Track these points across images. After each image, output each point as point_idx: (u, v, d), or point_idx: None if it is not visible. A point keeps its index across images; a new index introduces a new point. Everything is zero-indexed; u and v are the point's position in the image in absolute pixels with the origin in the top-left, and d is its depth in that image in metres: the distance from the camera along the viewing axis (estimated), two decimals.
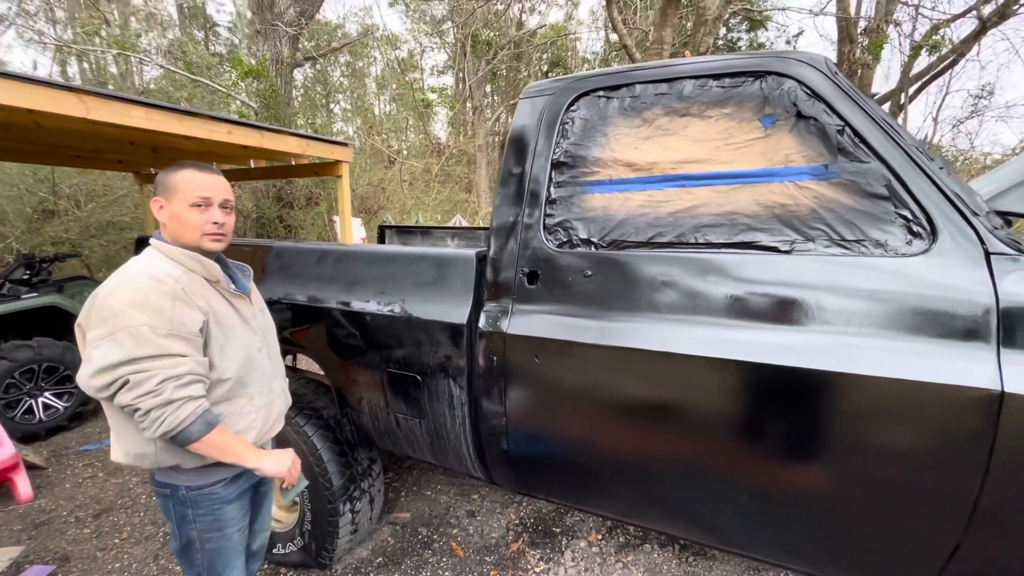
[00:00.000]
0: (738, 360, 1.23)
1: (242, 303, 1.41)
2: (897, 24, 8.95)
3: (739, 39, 15.12)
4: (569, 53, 15.92)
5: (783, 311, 1.23)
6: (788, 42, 13.83)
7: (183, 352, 1.19)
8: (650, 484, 1.45)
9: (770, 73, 1.32)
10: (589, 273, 1.45)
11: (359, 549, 2.36)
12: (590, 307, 1.45)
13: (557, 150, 1.56)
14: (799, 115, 1.27)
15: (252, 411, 1.37)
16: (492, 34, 14.26)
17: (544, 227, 1.55)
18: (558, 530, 2.48)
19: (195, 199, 1.27)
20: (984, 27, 8.88)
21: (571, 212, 1.52)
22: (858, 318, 1.16)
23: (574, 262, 1.48)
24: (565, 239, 1.52)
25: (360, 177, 10.22)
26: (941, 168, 1.17)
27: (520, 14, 15.39)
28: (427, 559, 2.30)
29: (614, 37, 15.47)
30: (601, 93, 1.54)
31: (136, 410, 1.14)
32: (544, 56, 15.75)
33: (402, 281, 1.80)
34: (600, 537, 2.42)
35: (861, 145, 1.20)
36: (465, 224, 8.21)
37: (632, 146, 1.46)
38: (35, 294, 3.68)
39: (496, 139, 16.91)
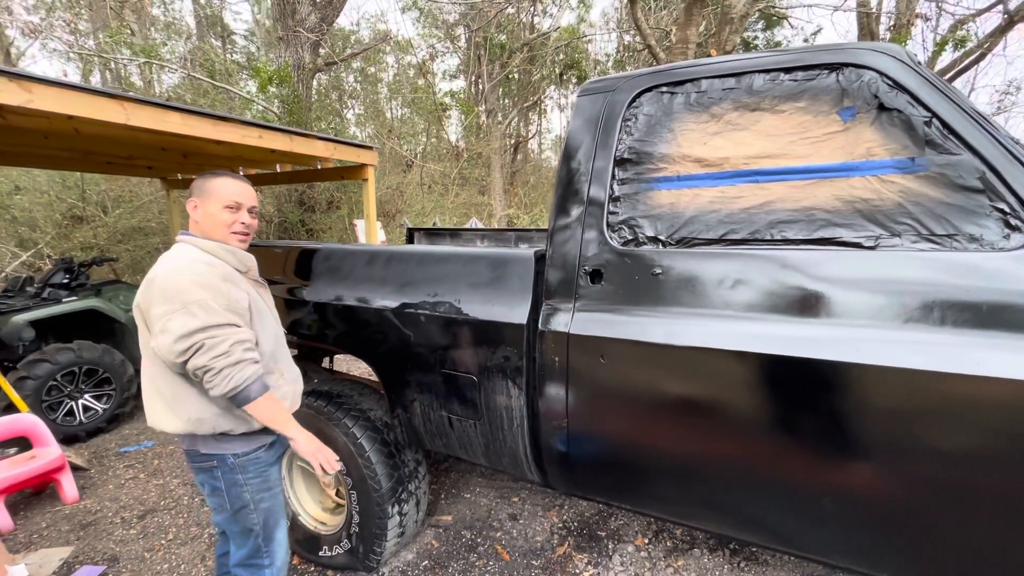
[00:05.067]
0: (818, 359, 1.20)
1: (264, 292, 1.62)
2: (926, 19, 8.80)
3: (755, 37, 14.99)
4: (581, 55, 15.89)
5: (867, 309, 1.20)
6: (806, 40, 13.66)
7: (240, 324, 1.39)
8: (719, 486, 1.41)
9: (847, 65, 1.28)
10: (657, 271, 1.43)
11: (404, 552, 2.35)
12: (659, 306, 1.42)
13: (620, 147, 1.54)
14: (881, 107, 1.23)
15: (285, 384, 1.56)
16: (504, 38, 14.29)
17: (608, 225, 1.52)
18: (603, 533, 2.45)
19: (229, 202, 1.47)
20: (1012, 22, 8.69)
21: (636, 210, 1.50)
22: (952, 316, 1.12)
23: (641, 260, 1.46)
24: (630, 237, 1.49)
25: (379, 181, 10.29)
26: None
27: (532, 18, 15.42)
28: (473, 563, 2.28)
29: (628, 38, 15.43)
30: (664, 89, 1.51)
31: (209, 370, 1.30)
32: (558, 59, 15.73)
33: (456, 282, 1.78)
34: (647, 541, 2.38)
35: (951, 137, 1.16)
36: (480, 226, 8.23)
37: (700, 141, 1.43)
38: (75, 298, 3.74)
39: (509, 142, 16.94)
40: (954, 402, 1.09)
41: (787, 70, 1.35)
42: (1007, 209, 1.11)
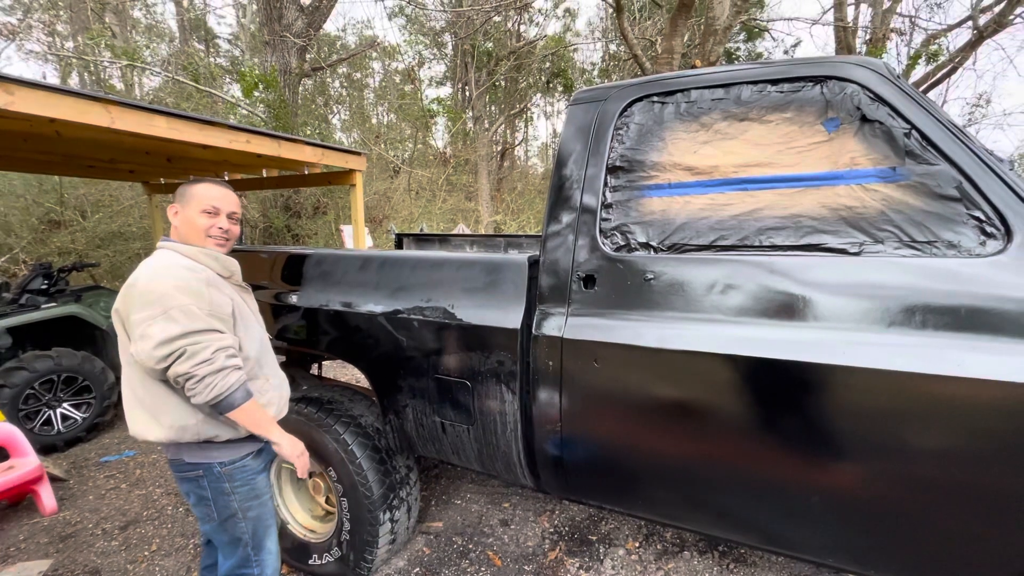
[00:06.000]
0: (805, 362, 1.24)
1: (248, 296, 1.61)
2: (901, 34, 9.11)
3: (737, 49, 15.32)
4: (567, 64, 16.07)
5: (853, 313, 1.24)
6: (786, 52, 14.02)
7: (223, 330, 1.37)
8: (712, 488, 1.44)
9: (830, 78, 1.33)
10: (649, 277, 1.46)
11: (395, 559, 2.33)
12: (652, 310, 1.45)
13: (612, 155, 1.57)
14: (863, 119, 1.28)
15: (270, 389, 1.55)
16: (491, 45, 14.39)
17: (601, 231, 1.55)
18: (594, 538, 2.46)
19: (207, 206, 1.47)
20: (981, 37, 9.04)
21: (628, 216, 1.53)
22: (933, 319, 1.16)
23: (633, 266, 1.48)
24: (623, 243, 1.52)
25: (366, 186, 10.24)
26: (1011, 169, 1.18)
27: (518, 26, 15.56)
28: (465, 569, 2.27)
29: (613, 48, 15.66)
30: (655, 98, 1.55)
31: (191, 377, 1.27)
32: (545, 67, 15.89)
33: (451, 287, 1.79)
34: (638, 544, 2.40)
35: (929, 148, 1.21)
36: (467, 232, 8.21)
37: (691, 150, 1.47)
38: (54, 304, 3.65)
39: (496, 148, 17.02)
40: (935, 402, 1.13)
41: (773, 82, 1.40)
42: (982, 217, 1.16)
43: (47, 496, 2.69)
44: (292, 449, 1.51)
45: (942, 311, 1.15)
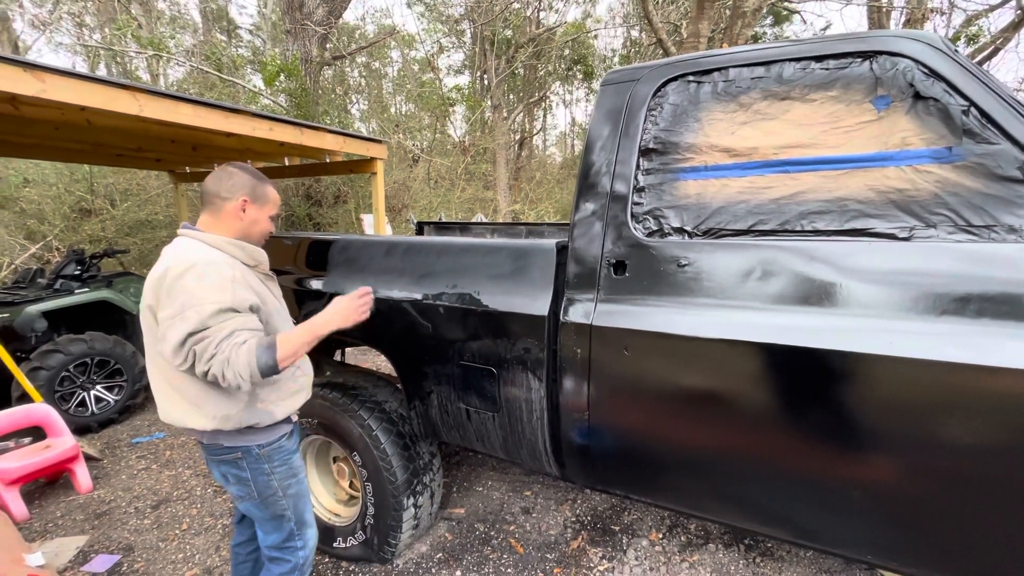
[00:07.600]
0: (848, 352, 1.18)
1: (273, 284, 1.61)
2: (941, 13, 8.71)
3: (763, 33, 14.86)
4: (587, 51, 15.79)
5: (900, 301, 1.18)
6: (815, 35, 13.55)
7: (233, 317, 1.32)
8: (745, 481, 1.40)
9: (881, 53, 1.26)
10: (684, 263, 1.41)
11: (418, 544, 2.34)
12: (685, 297, 1.40)
13: (644, 137, 1.52)
14: (917, 96, 1.21)
15: (301, 375, 1.59)
16: (510, 33, 14.21)
17: (632, 216, 1.51)
18: (617, 528, 2.44)
19: (275, 212, 1.56)
20: None
21: (661, 200, 1.48)
22: (990, 308, 1.09)
23: (666, 251, 1.44)
24: (655, 228, 1.48)
25: (385, 175, 10.27)
26: None
27: (537, 12, 15.31)
28: (487, 555, 2.27)
29: (635, 34, 15.33)
30: (691, 78, 1.49)
31: (214, 375, 1.26)
32: (564, 54, 15.64)
33: (477, 273, 1.77)
34: (661, 536, 2.37)
35: (989, 126, 1.14)
36: (486, 221, 8.15)
37: (728, 131, 1.41)
38: (87, 289, 3.75)
39: (514, 137, 16.87)
40: (989, 395, 1.07)
41: (818, 58, 1.33)
42: None
43: (82, 475, 2.77)
44: (344, 319, 1.49)
45: (1001, 300, 1.09)
